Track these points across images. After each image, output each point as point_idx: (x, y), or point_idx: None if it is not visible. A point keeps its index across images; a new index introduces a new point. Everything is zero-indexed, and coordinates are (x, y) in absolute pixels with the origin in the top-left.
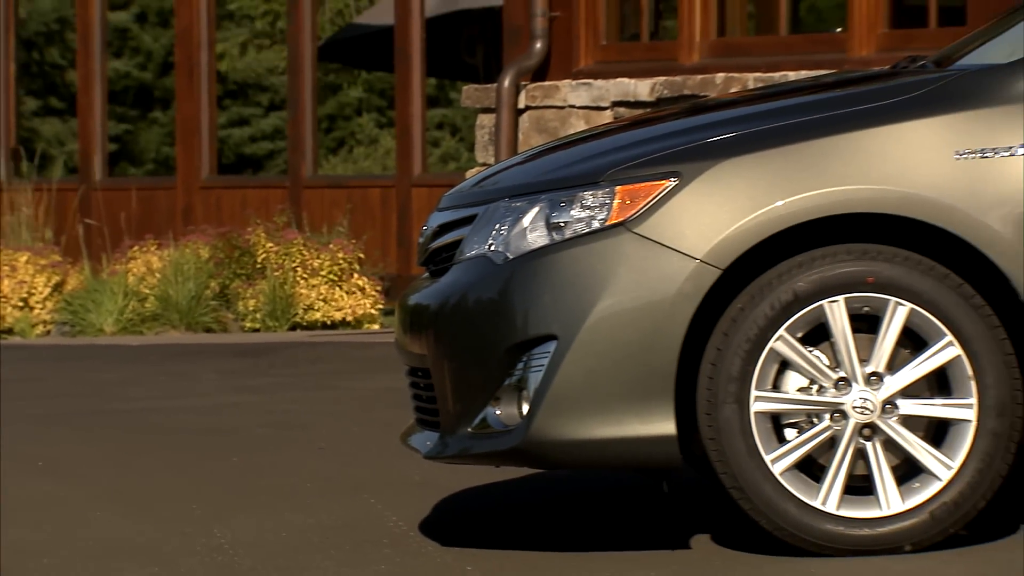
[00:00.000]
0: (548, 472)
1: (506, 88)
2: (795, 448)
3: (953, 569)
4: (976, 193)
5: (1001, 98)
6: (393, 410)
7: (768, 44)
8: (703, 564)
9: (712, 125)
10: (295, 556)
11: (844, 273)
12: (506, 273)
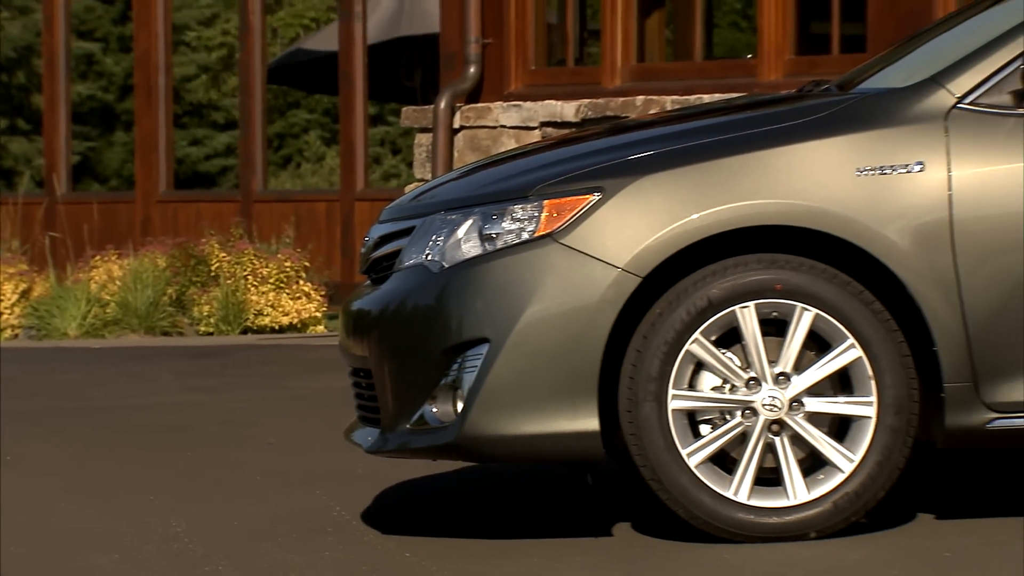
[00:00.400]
0: (481, 465)
1: (442, 109)
2: (709, 443)
3: (854, 554)
4: (876, 207)
5: (899, 119)
6: (337, 408)
7: (684, 69)
8: (624, 550)
9: (632, 144)
10: (245, 543)
11: (754, 281)
12: (442, 281)
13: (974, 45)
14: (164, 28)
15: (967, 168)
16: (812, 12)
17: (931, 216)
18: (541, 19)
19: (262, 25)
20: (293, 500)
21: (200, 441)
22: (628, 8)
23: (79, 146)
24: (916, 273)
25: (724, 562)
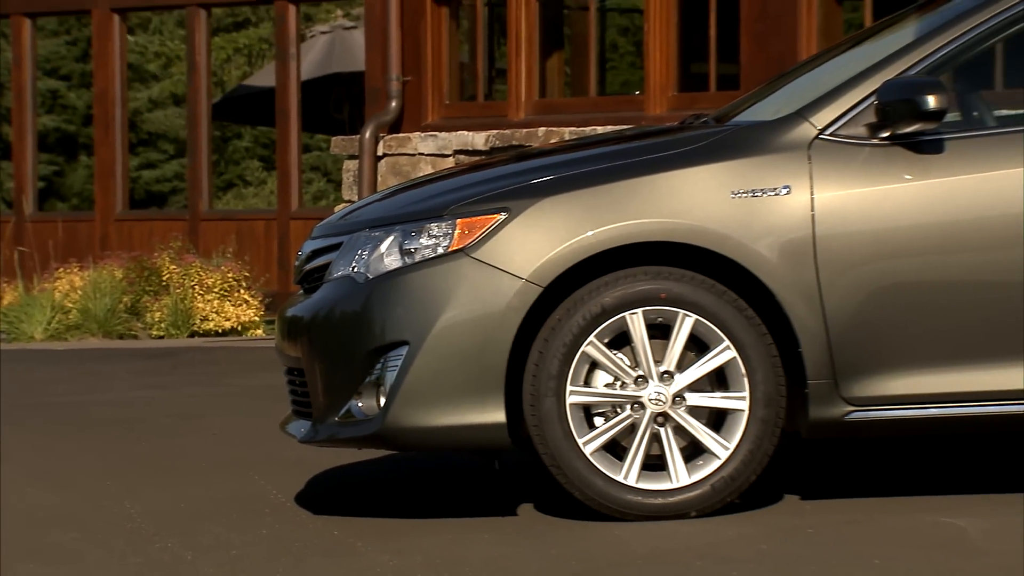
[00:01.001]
0: (402, 453)
1: (367, 139)
2: (602, 433)
3: (729, 531)
4: (748, 226)
5: (768, 148)
6: (274, 403)
7: (581, 104)
8: (528, 528)
9: (535, 170)
10: (191, 523)
11: (642, 290)
12: (367, 290)
13: (834, 83)
14: (120, 67)
15: (828, 191)
16: (692, 54)
17: (796, 233)
18: (454, 59)
19: (207, 66)
20: (234, 485)
21: (152, 432)
22: (531, 49)
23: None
24: (783, 284)
25: (615, 538)
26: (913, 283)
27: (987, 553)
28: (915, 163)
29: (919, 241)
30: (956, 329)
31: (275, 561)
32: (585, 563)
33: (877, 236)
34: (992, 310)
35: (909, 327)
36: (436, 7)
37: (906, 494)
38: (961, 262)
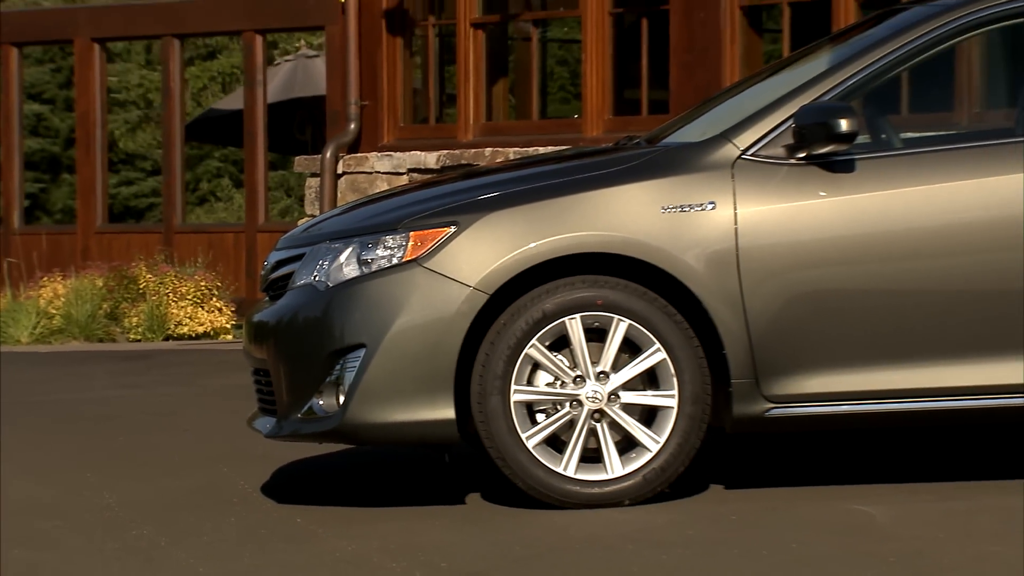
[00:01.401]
0: (359, 447)
1: (328, 158)
2: (544, 428)
3: (660, 518)
4: (677, 238)
5: (695, 167)
6: (242, 401)
7: (524, 126)
8: (475, 515)
9: (482, 186)
10: (165, 512)
11: (580, 297)
12: (327, 297)
13: (754, 108)
14: (100, 92)
15: (749, 207)
16: (625, 81)
17: (721, 245)
18: (408, 85)
19: (180, 91)
20: (205, 476)
21: (129, 428)
22: (478, 76)
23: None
24: (709, 291)
25: (555, 524)
26: (827, 291)
27: (894, 538)
28: (829, 181)
29: (833, 252)
30: (867, 333)
31: (242, 547)
32: (528, 548)
33: (794, 248)
34: (899, 315)
35: (824, 331)
36: (391, 37)
37: (821, 484)
38: (871, 272)
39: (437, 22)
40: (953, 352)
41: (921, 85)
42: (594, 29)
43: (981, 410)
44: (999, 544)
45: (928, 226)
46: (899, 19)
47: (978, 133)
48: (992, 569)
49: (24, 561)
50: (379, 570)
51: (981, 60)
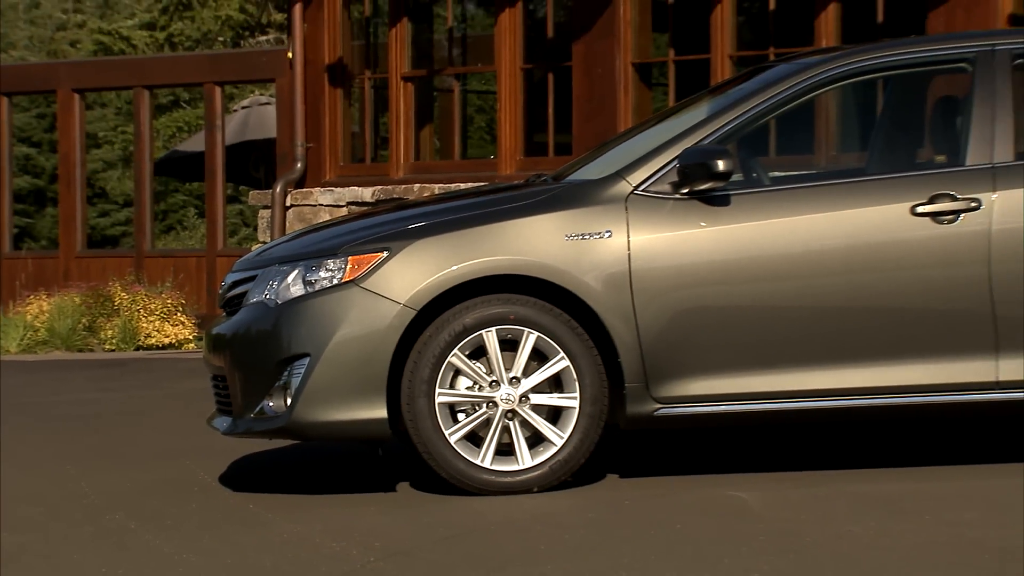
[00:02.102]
0: (304, 442)
1: (278, 193)
2: (464, 426)
3: (563, 502)
4: (578, 262)
5: (594, 201)
6: (202, 403)
7: (447, 165)
8: (404, 501)
9: (411, 217)
10: (135, 499)
11: (495, 313)
12: (276, 313)
13: (645, 150)
14: (80, 136)
15: (640, 235)
16: (535, 127)
17: (616, 268)
18: (347, 130)
19: (150, 134)
20: (170, 468)
21: (104, 426)
22: (408, 122)
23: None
24: (606, 307)
25: (473, 509)
26: (707, 307)
27: (764, 519)
28: (708, 213)
29: (711, 274)
30: (740, 343)
31: (202, 530)
32: (450, 529)
33: (679, 270)
34: (768, 328)
35: (704, 342)
36: (332, 89)
37: (703, 473)
38: (744, 291)
39: (372, 75)
40: (813, 360)
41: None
42: (507, 82)
43: (837, 409)
44: (854, 524)
45: (792, 252)
46: (767, 75)
47: (834, 172)
48: (848, 546)
49: (12, 543)
50: (321, 549)
51: (836, 110)
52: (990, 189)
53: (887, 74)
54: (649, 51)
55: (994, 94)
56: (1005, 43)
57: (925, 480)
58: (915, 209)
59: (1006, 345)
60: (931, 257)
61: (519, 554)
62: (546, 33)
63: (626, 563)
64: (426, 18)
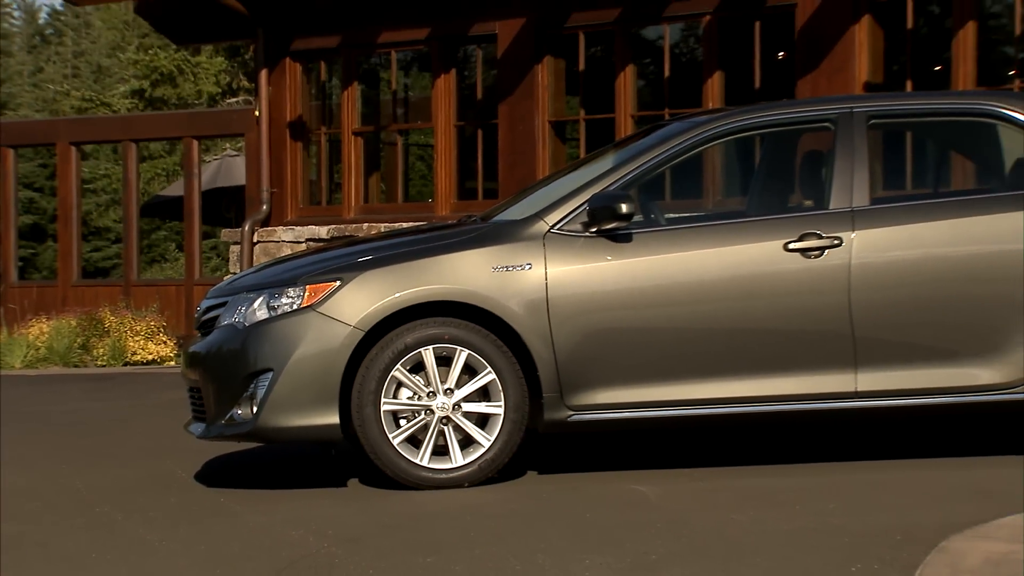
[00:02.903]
0: (268, 445)
1: (246, 231)
2: (405, 430)
3: (489, 496)
4: (503, 290)
5: (517, 238)
6: (180, 411)
7: (391, 207)
8: (354, 495)
9: (360, 252)
10: (121, 494)
11: (432, 333)
12: (244, 334)
13: (560, 195)
14: (76, 182)
15: (556, 267)
16: (466, 174)
17: (535, 295)
18: (306, 177)
19: (136, 181)
20: (151, 467)
21: (95, 431)
22: (358, 171)
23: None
24: (526, 329)
25: (413, 500)
26: (612, 328)
27: (660, 509)
28: (613, 249)
29: (616, 301)
30: (640, 359)
31: (179, 520)
32: (393, 517)
33: (588, 297)
34: (663, 346)
35: (609, 358)
36: (293, 142)
37: (609, 470)
38: (643, 315)
39: (327, 131)
40: (703, 374)
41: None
42: (443, 136)
43: (723, 416)
44: (735, 513)
45: (684, 281)
46: (662, 131)
47: (720, 214)
48: (730, 531)
49: (12, 532)
50: (282, 536)
51: (721, 162)
52: (850, 229)
53: (764, 131)
54: (563, 111)
55: (852, 149)
56: (861, 106)
57: (796, 476)
58: (787, 245)
59: (863, 361)
60: (801, 286)
61: (452, 539)
62: (476, 95)
63: (543, 547)
64: (374, 82)
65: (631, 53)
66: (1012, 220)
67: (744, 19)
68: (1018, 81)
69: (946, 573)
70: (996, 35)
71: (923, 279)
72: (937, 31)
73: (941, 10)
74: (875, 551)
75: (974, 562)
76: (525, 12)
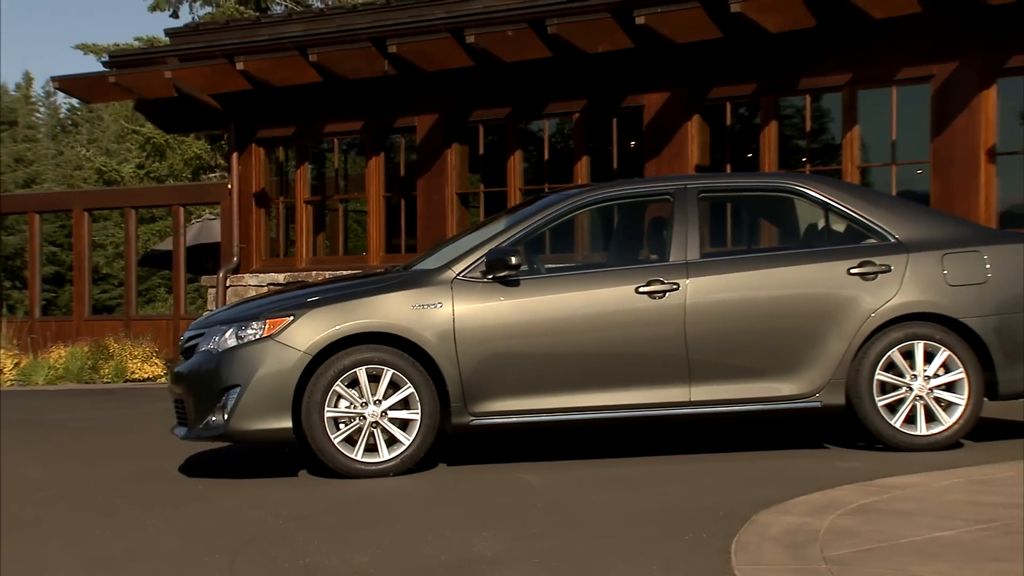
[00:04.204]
0: (237, 445)
1: (221, 277)
2: (344, 432)
3: (408, 483)
4: (421, 323)
5: (432, 283)
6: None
7: (334, 259)
8: (303, 483)
9: (309, 294)
10: (121, 484)
11: (365, 357)
12: (218, 358)
13: (465, 249)
14: (88, 240)
15: (461, 306)
16: (392, 232)
17: (445, 327)
18: (268, 236)
19: (135, 239)
20: (142, 463)
21: (100, 435)
22: (308, 230)
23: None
24: (438, 353)
25: (349, 487)
26: (504, 353)
27: (542, 493)
28: (505, 291)
29: (507, 331)
30: (525, 376)
31: (166, 504)
32: (334, 501)
33: (485, 329)
34: (543, 366)
35: (502, 375)
36: (257, 208)
37: (501, 463)
38: (528, 343)
39: (284, 200)
40: (574, 387)
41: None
42: (374, 204)
43: (590, 420)
44: (598, 495)
45: (559, 316)
46: (542, 201)
47: (587, 265)
48: (594, 509)
49: (32, 515)
50: (246, 515)
51: (588, 224)
52: (685, 277)
53: (620, 202)
54: (467, 185)
55: (687, 216)
56: (693, 183)
57: (645, 466)
58: (638, 289)
59: (696, 377)
60: (648, 320)
61: (380, 517)
62: (400, 173)
63: (450, 523)
64: (320, 162)
65: (519, 141)
66: (806, 271)
67: (605, 116)
68: (808, 165)
69: (756, 539)
70: (791, 131)
71: (740, 315)
72: (748, 127)
73: (750, 112)
74: (703, 524)
75: (777, 531)
76: (437, 109)
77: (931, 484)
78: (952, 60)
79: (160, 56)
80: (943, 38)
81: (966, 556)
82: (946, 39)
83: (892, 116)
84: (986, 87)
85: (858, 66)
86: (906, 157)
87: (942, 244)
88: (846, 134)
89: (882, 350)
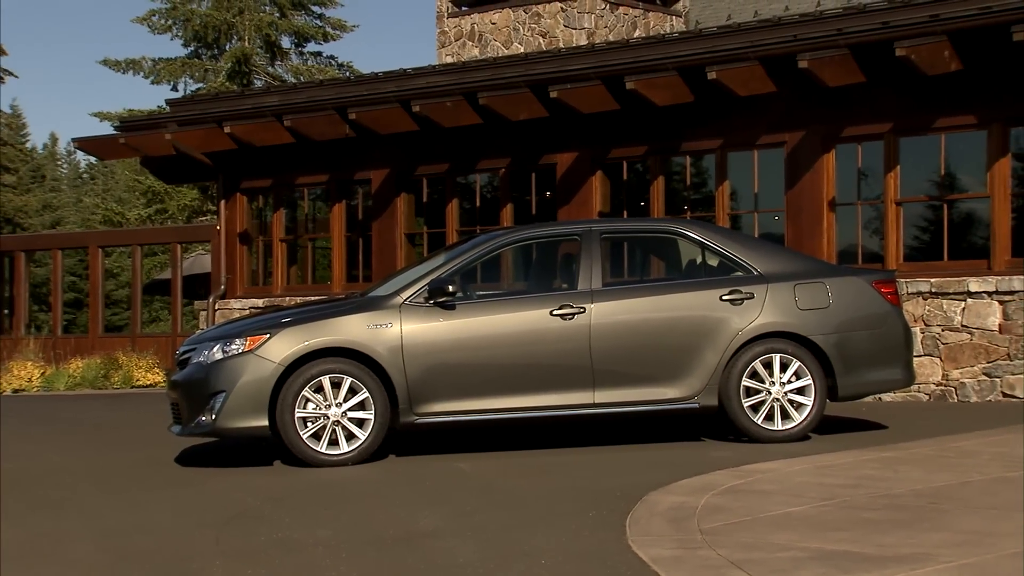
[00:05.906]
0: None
1: (211, 301)
2: (311, 429)
3: (363, 471)
4: (375, 339)
5: (384, 307)
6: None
7: (304, 287)
8: (278, 471)
9: (283, 315)
10: (128, 470)
11: (329, 367)
12: (207, 368)
13: (411, 280)
14: (101, 271)
15: (408, 325)
16: (352, 264)
17: (394, 343)
18: (249, 267)
19: (140, 270)
20: (142, 454)
21: (108, 430)
22: (283, 263)
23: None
24: (389, 364)
25: (315, 474)
26: (443, 364)
27: (474, 478)
28: (444, 314)
29: (445, 346)
30: (460, 384)
31: (163, 487)
32: (303, 485)
33: (427, 344)
34: (476, 375)
35: (442, 382)
36: (241, 245)
37: (442, 454)
38: (463, 355)
39: (264, 238)
40: (500, 393)
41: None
42: (337, 242)
43: (514, 419)
44: (522, 480)
45: (488, 334)
46: (475, 240)
47: (511, 292)
48: (519, 492)
49: (56, 496)
50: (230, 497)
51: (512, 259)
52: (590, 302)
53: (538, 241)
54: (414, 227)
55: (592, 252)
56: (597, 226)
57: (560, 455)
58: (552, 312)
59: (599, 384)
60: (560, 337)
61: (341, 498)
62: (358, 216)
63: (398, 503)
64: (293, 207)
65: (456, 191)
66: (687, 297)
67: (525, 172)
68: (689, 212)
69: (646, 515)
70: (676, 185)
71: (635, 333)
72: (641, 181)
73: (643, 169)
74: (605, 502)
75: (663, 508)
76: (389, 164)
77: (785, 469)
78: (800, 129)
79: (162, 121)
80: (793, 112)
81: (813, 527)
82: (795, 113)
83: (754, 173)
84: (827, 151)
85: (728, 133)
86: (766, 206)
87: (794, 276)
88: (719, 187)
89: (747, 361)
